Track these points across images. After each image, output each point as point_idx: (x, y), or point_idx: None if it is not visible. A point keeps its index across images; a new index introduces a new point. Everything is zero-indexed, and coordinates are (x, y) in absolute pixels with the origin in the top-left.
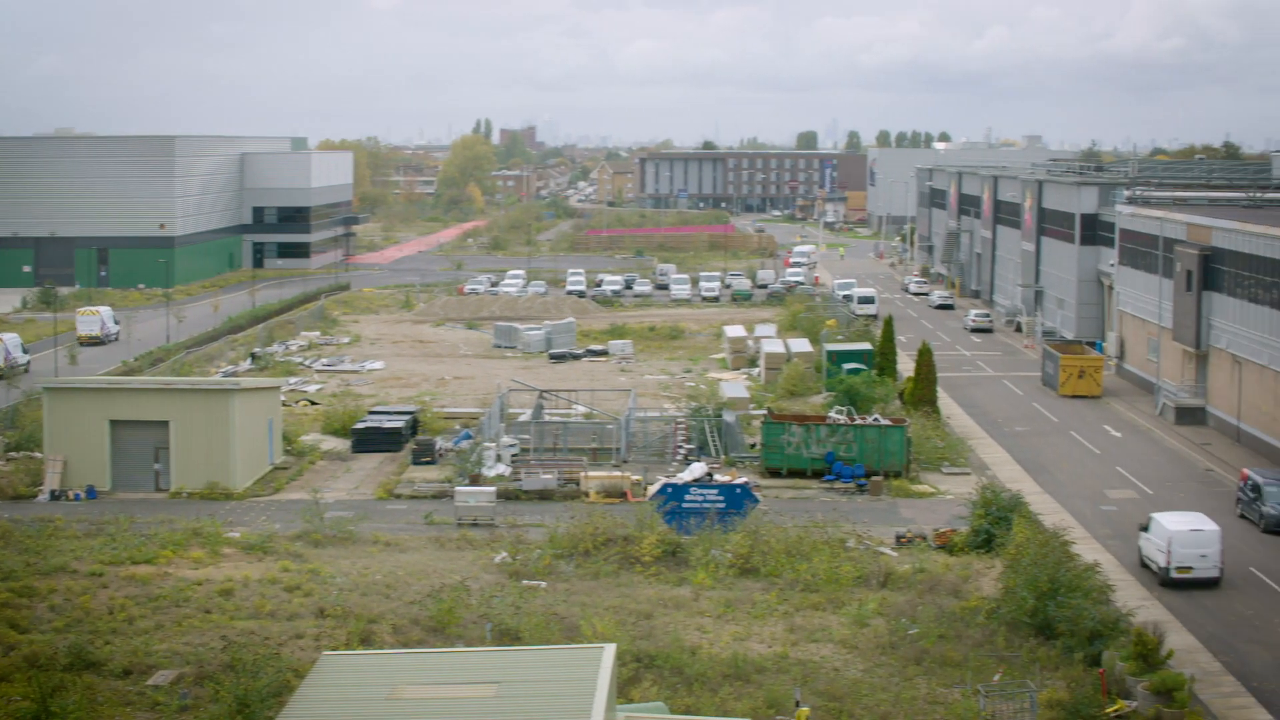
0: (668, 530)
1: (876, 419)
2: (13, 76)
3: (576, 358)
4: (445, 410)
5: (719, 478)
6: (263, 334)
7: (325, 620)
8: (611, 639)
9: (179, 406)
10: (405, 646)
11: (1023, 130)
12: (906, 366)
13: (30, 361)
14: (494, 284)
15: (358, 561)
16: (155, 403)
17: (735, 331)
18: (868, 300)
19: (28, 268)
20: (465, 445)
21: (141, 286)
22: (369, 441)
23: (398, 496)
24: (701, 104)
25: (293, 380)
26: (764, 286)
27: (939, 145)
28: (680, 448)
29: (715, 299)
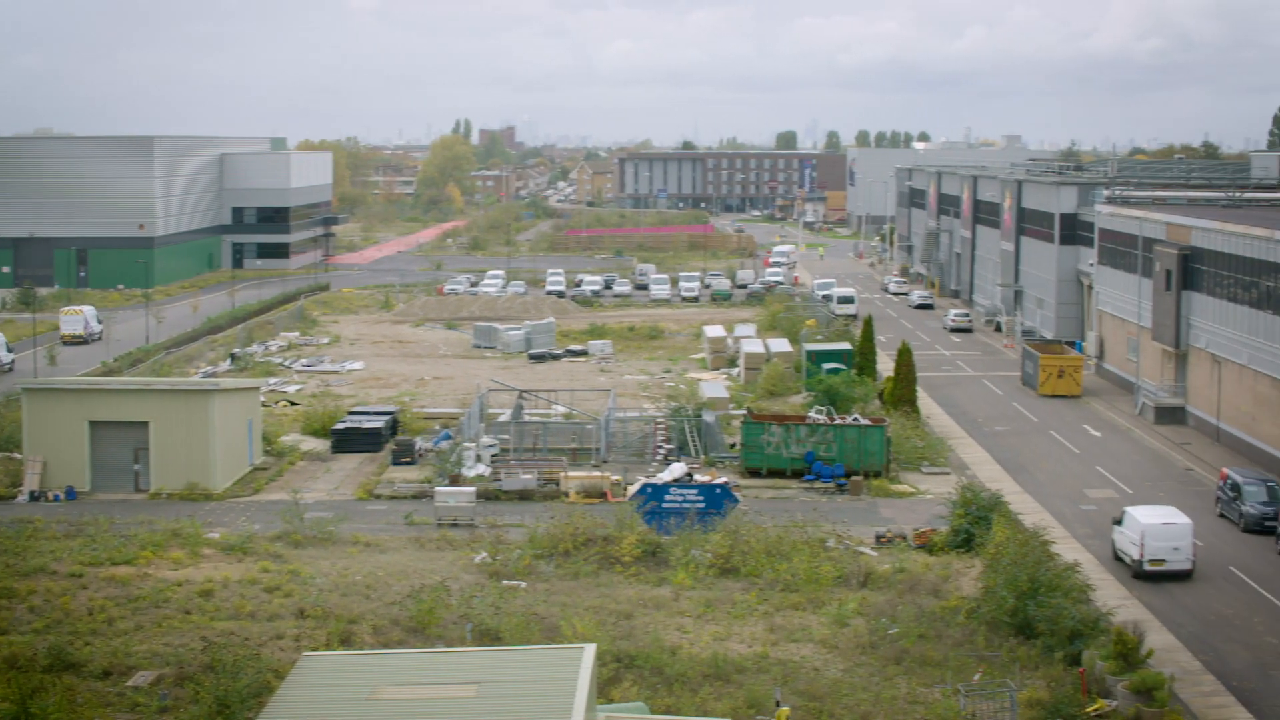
0: (648, 530)
1: (856, 419)
2: None
3: (556, 358)
4: (425, 410)
5: (699, 478)
6: (242, 334)
7: (305, 621)
8: (592, 639)
9: (158, 407)
10: (385, 647)
11: (1002, 130)
12: (886, 366)
13: (14, 361)
14: (473, 284)
15: (338, 562)
16: (135, 403)
17: (715, 331)
18: (847, 300)
19: (6, 268)
20: (445, 445)
21: (121, 287)
22: (349, 442)
23: (378, 497)
24: (681, 104)
25: (272, 381)
26: (743, 286)
27: (918, 145)
28: (660, 448)
29: (695, 299)
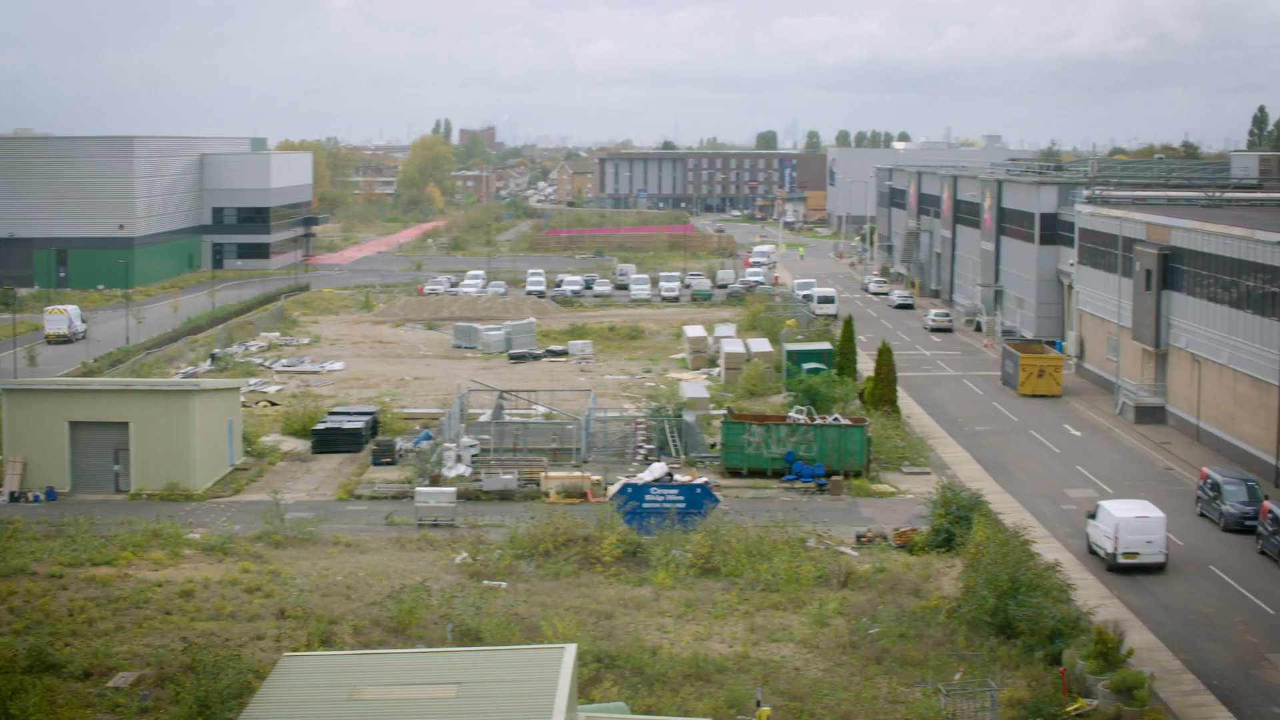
0: (628, 530)
1: (836, 419)
2: None
3: (536, 358)
4: (405, 411)
5: (679, 478)
6: (222, 335)
7: (286, 621)
8: (572, 639)
9: (139, 408)
10: (366, 647)
11: (982, 130)
12: (866, 366)
13: None
14: (454, 284)
15: (318, 562)
16: (115, 404)
17: (695, 331)
18: (827, 300)
19: None
20: (425, 446)
21: (101, 287)
22: (329, 442)
23: (358, 497)
24: (661, 104)
25: (252, 381)
26: (724, 286)
27: (898, 145)
28: (640, 448)
29: (675, 299)
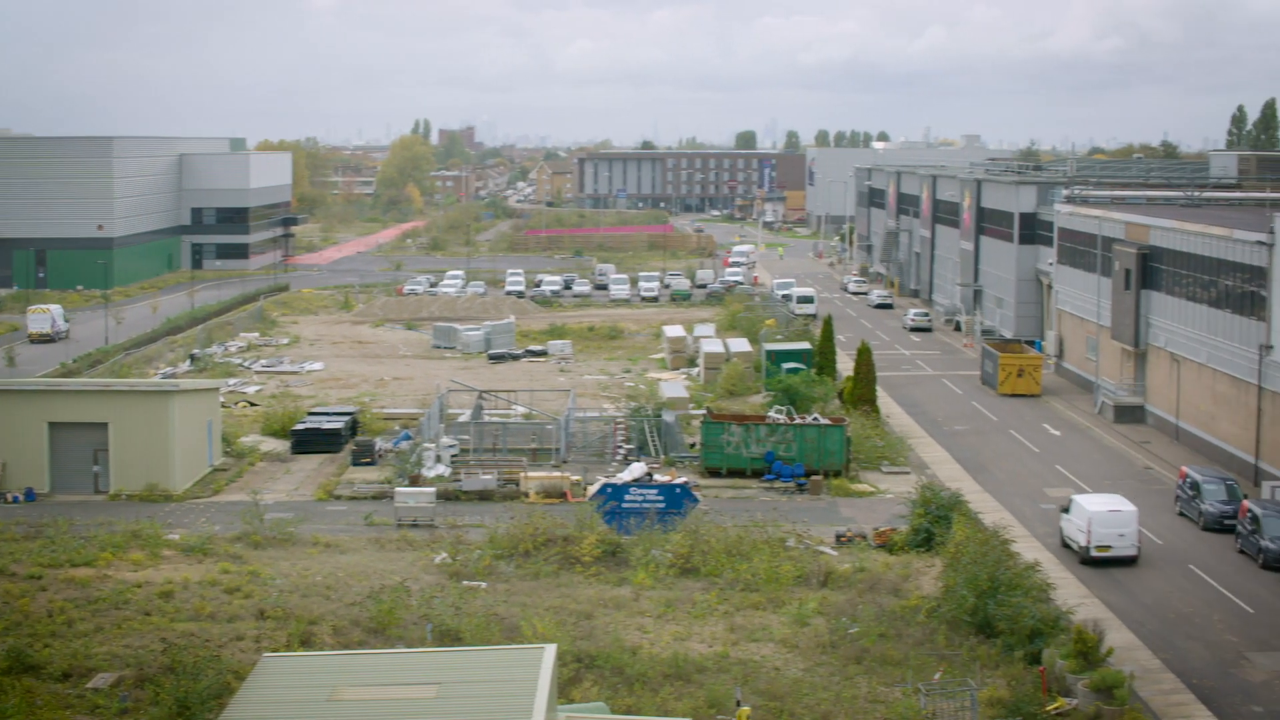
0: (608, 530)
1: (816, 418)
2: None
3: (516, 358)
4: (385, 411)
5: (658, 478)
6: (202, 335)
7: (265, 622)
8: (552, 639)
9: (118, 408)
10: (346, 648)
11: (961, 130)
12: (846, 366)
13: None
14: (433, 284)
15: (298, 563)
16: (94, 404)
17: (674, 331)
18: (807, 300)
19: None
20: (405, 446)
21: (80, 288)
22: (308, 443)
23: (337, 498)
24: (640, 104)
25: (232, 381)
26: (703, 286)
27: (878, 145)
28: (620, 448)
29: (654, 299)
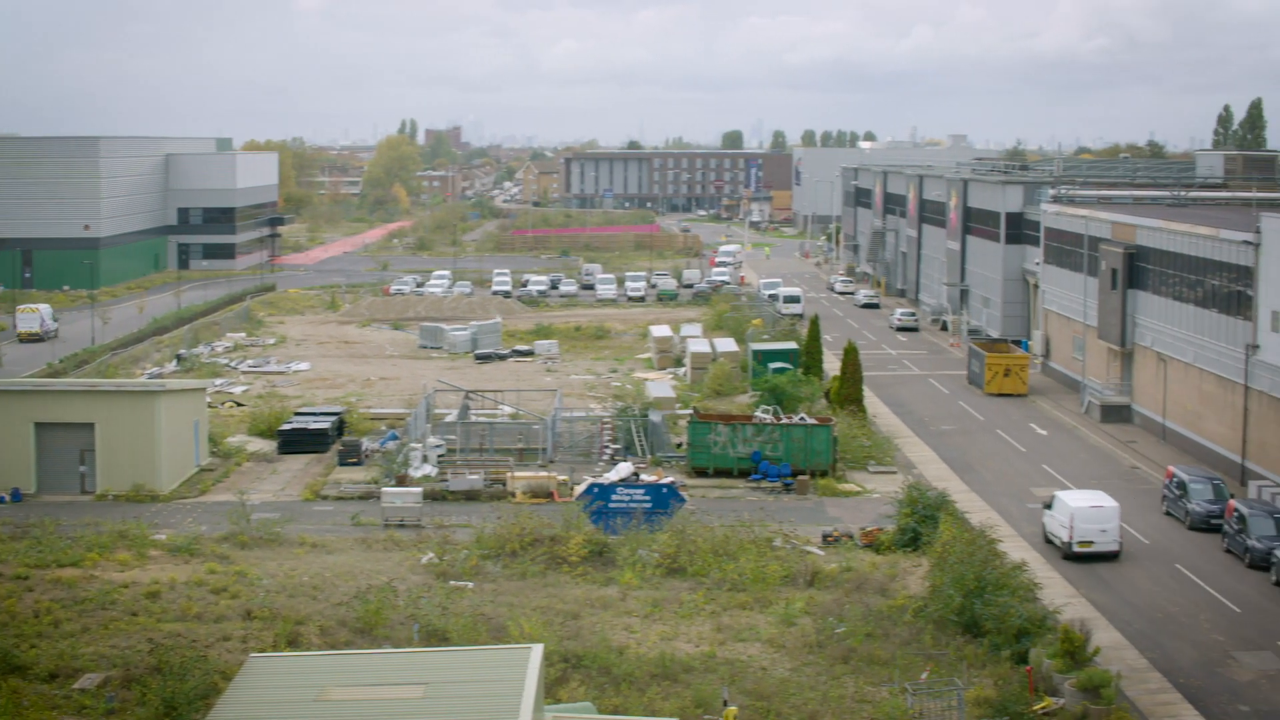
0: (594, 530)
1: (802, 418)
2: None
3: (502, 358)
4: (371, 411)
5: (645, 477)
6: (188, 335)
7: (252, 622)
8: (539, 639)
9: (104, 408)
10: (333, 648)
11: (948, 129)
12: (832, 366)
13: None
14: (419, 284)
15: (284, 563)
16: (80, 405)
17: (661, 331)
18: (793, 299)
19: None
20: (391, 446)
21: (66, 288)
22: (295, 443)
23: (324, 498)
24: (627, 104)
25: (218, 381)
26: (689, 286)
27: (864, 145)
28: (606, 448)
29: (641, 299)
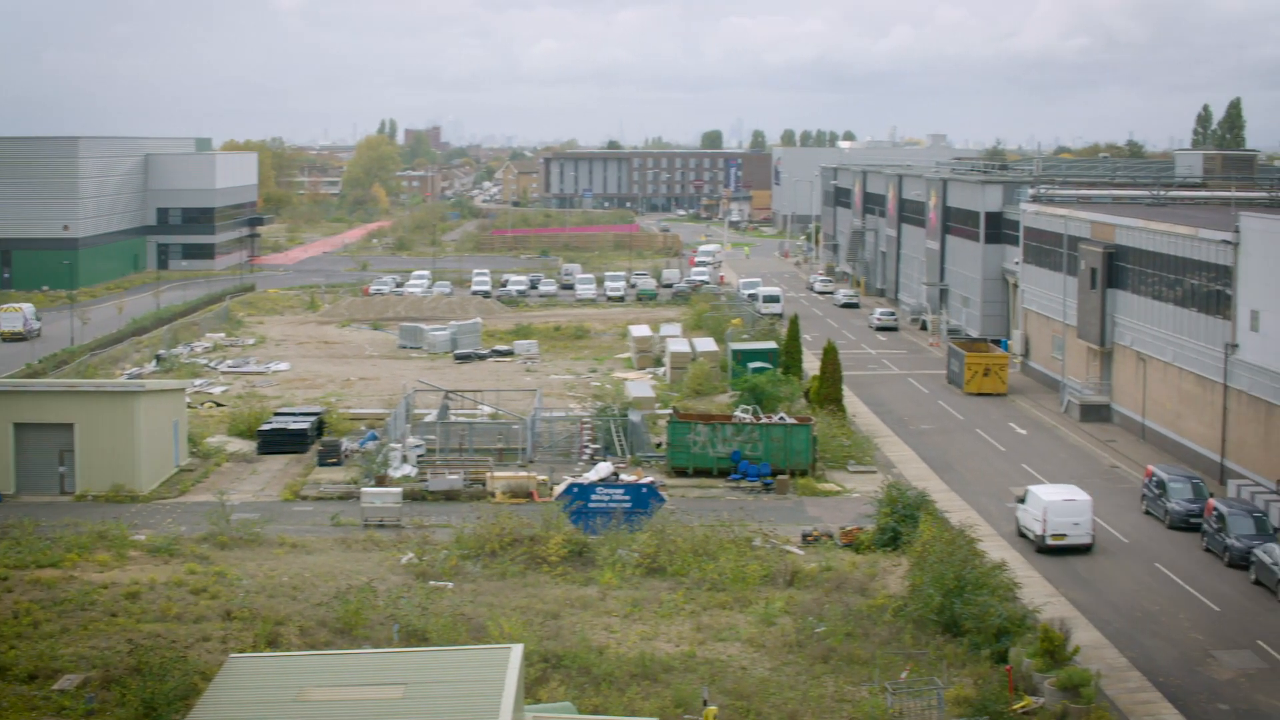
0: (574, 530)
1: (782, 418)
2: None
3: (482, 358)
4: (351, 411)
5: (625, 477)
6: (168, 335)
7: (232, 623)
8: (519, 639)
9: (83, 409)
10: (312, 648)
11: (927, 129)
12: (812, 365)
13: None
14: (399, 284)
15: (264, 563)
16: (59, 405)
17: (640, 331)
18: (773, 299)
19: None
20: (371, 446)
21: (45, 288)
22: (275, 443)
23: (304, 498)
24: (607, 104)
25: (198, 382)
26: (669, 286)
27: (844, 144)
28: (586, 448)
29: (620, 298)
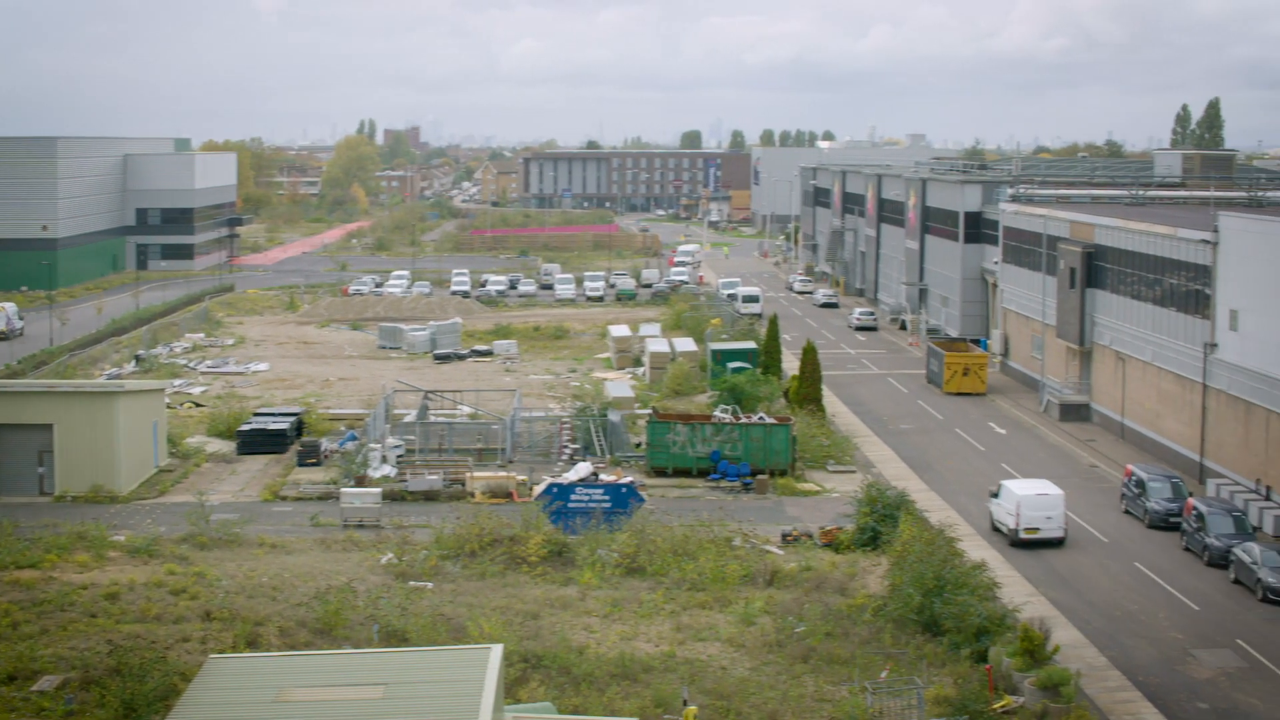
0: (554, 530)
1: (762, 418)
2: None
3: (461, 358)
4: (330, 412)
5: (604, 477)
6: (147, 336)
7: (212, 623)
8: (498, 639)
9: (63, 409)
10: (292, 649)
11: (907, 129)
12: (791, 365)
13: None
14: (378, 285)
15: (244, 564)
16: (39, 406)
17: (620, 331)
18: (752, 299)
19: None
20: (350, 447)
21: (24, 289)
22: (254, 443)
23: (283, 498)
24: (586, 103)
25: (177, 382)
26: (648, 286)
27: (823, 144)
28: (565, 448)
29: (600, 299)
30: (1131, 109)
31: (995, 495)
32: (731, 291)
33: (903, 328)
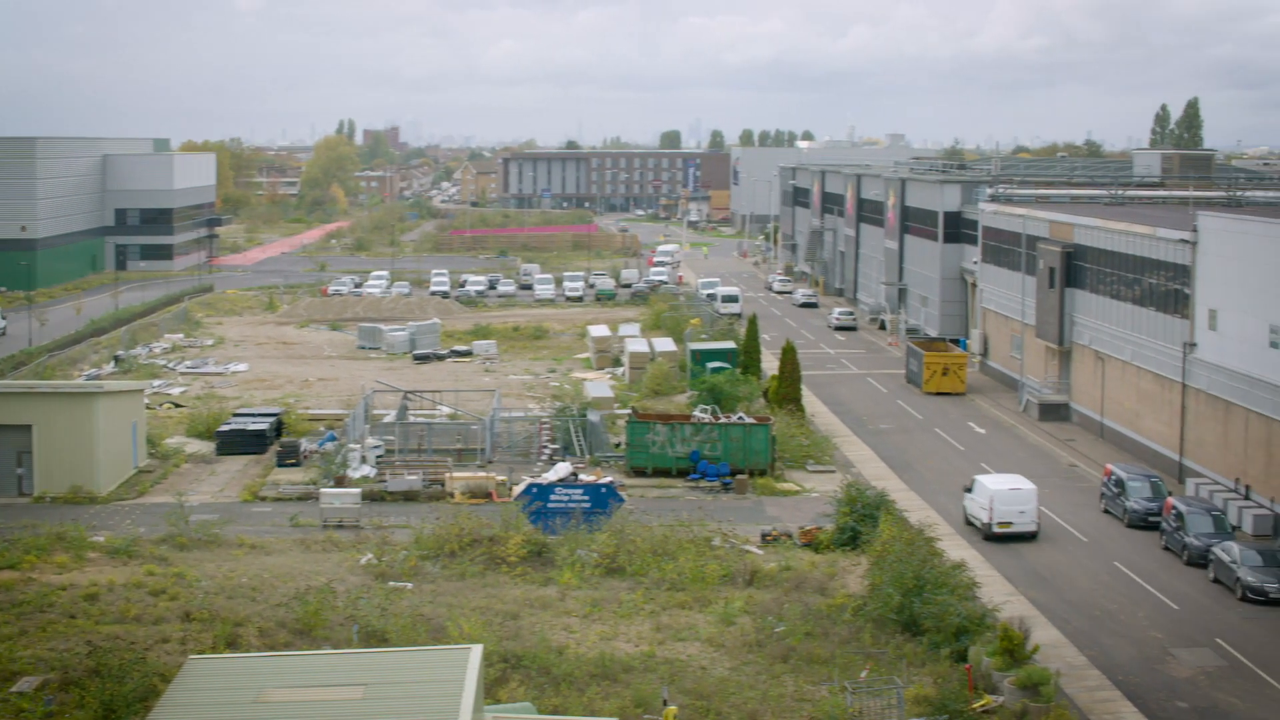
0: (533, 530)
1: (741, 418)
2: None
3: (441, 358)
4: (310, 412)
5: (584, 477)
6: (126, 336)
7: (191, 624)
8: (478, 639)
9: (41, 410)
10: (272, 649)
11: (886, 129)
12: (771, 365)
13: None
14: (358, 285)
15: (223, 564)
16: (17, 406)
17: (599, 331)
18: (732, 299)
19: None
20: (330, 447)
21: (2, 289)
22: (234, 444)
23: (263, 499)
24: (565, 104)
25: (157, 383)
26: (628, 286)
27: (802, 144)
28: (545, 448)
29: (579, 299)
30: (1111, 109)
31: (969, 490)
32: (711, 291)
33: (882, 327)
